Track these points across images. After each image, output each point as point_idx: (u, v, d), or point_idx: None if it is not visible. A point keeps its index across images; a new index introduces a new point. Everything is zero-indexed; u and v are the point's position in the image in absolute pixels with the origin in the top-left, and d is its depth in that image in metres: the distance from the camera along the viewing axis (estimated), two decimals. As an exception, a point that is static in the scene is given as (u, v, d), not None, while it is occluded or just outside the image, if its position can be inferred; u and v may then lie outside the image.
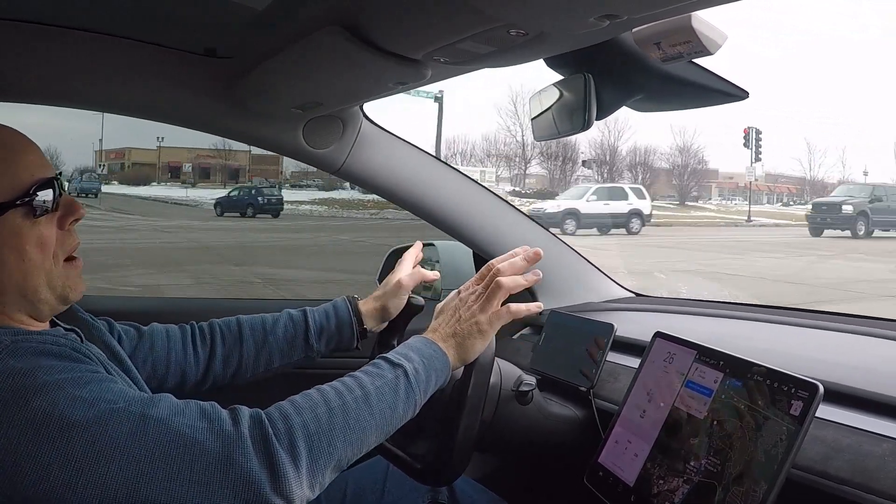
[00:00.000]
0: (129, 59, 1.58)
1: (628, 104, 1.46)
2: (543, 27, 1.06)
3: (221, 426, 0.97)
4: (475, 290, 1.30)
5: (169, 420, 0.96)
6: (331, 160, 1.85)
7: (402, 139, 1.91)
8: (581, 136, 2.16)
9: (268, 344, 1.48)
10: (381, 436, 1.11)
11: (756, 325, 1.77)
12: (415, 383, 1.15)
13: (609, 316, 1.93)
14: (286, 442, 0.99)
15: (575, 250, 2.17)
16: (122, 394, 0.97)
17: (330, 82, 1.50)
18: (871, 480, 1.03)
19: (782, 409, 1.08)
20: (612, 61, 1.32)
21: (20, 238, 1.03)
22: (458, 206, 1.98)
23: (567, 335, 1.72)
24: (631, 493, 1.28)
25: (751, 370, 1.16)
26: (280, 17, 1.30)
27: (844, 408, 1.20)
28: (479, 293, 1.29)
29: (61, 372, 0.95)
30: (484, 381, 1.31)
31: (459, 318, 1.27)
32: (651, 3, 0.97)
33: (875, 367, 1.35)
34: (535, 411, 1.54)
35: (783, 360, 1.18)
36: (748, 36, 79.19)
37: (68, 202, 1.10)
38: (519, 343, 2.00)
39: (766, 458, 1.06)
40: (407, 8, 1.11)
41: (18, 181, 1.03)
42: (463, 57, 1.21)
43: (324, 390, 1.08)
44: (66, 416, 0.91)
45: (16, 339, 0.98)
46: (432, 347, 1.22)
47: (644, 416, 1.34)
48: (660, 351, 1.38)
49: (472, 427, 1.30)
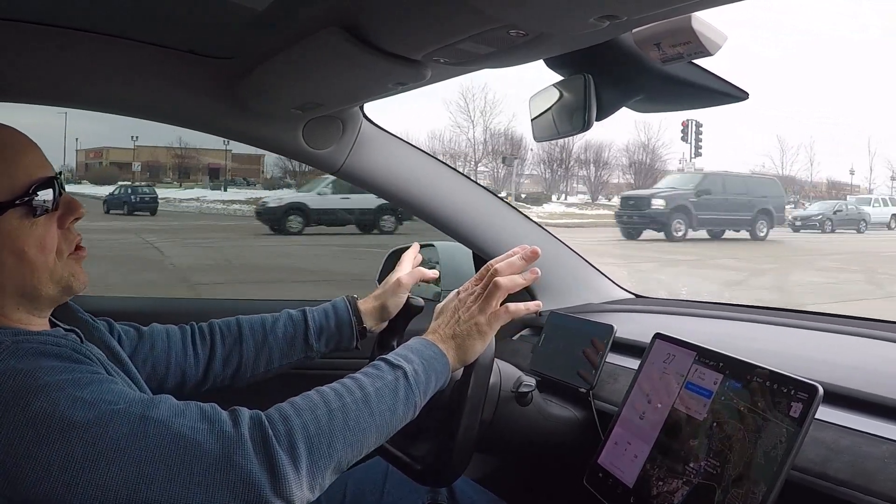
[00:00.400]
0: (129, 60, 1.58)
1: (628, 105, 1.46)
2: (543, 28, 1.06)
3: (222, 427, 0.97)
4: (474, 291, 1.30)
5: (169, 421, 0.96)
6: (331, 161, 1.84)
7: (402, 140, 1.91)
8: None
9: (268, 344, 1.48)
10: (381, 437, 1.11)
11: (755, 326, 1.77)
12: (414, 385, 1.15)
13: (608, 317, 1.93)
14: (286, 443, 0.99)
15: (574, 251, 2.17)
16: (123, 395, 0.97)
17: (330, 83, 1.50)
18: (870, 482, 1.03)
19: (782, 410, 1.08)
20: (612, 62, 1.32)
21: (19, 239, 1.03)
22: (458, 206, 1.98)
23: (567, 336, 1.72)
24: (630, 495, 1.28)
25: (750, 372, 1.16)
26: (280, 18, 1.30)
27: (844, 409, 1.20)
28: (477, 294, 1.29)
29: (62, 373, 0.95)
30: (484, 381, 1.31)
31: (459, 318, 1.27)
32: (651, 4, 0.97)
33: (874, 369, 1.35)
34: (535, 412, 1.54)
35: (783, 362, 1.18)
36: (749, 36, 79.13)
37: (68, 201, 1.10)
38: (518, 344, 2.00)
39: (766, 461, 1.06)
40: (407, 8, 1.11)
41: (17, 181, 1.03)
42: (463, 57, 1.21)
43: (323, 392, 1.08)
44: (67, 417, 0.91)
45: (16, 340, 0.98)
46: (432, 349, 1.22)
47: (643, 417, 1.34)
48: (659, 352, 1.38)
49: (472, 428, 1.30)
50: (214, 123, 1.83)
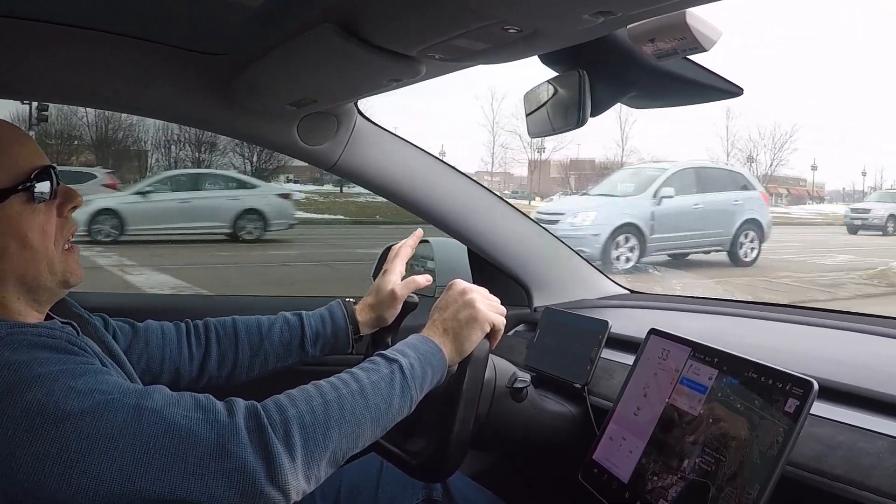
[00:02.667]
0: (123, 57, 1.58)
1: (623, 101, 1.46)
2: (538, 24, 1.06)
3: (216, 416, 0.97)
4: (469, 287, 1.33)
5: (163, 410, 0.96)
6: (325, 157, 1.84)
7: (396, 136, 1.91)
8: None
9: (263, 347, 1.48)
10: (377, 430, 1.11)
11: (750, 321, 1.77)
12: (410, 378, 1.15)
13: (603, 313, 1.94)
14: (281, 432, 0.99)
15: (569, 247, 2.18)
16: (117, 385, 0.98)
17: (324, 79, 1.49)
18: (865, 477, 1.03)
19: (778, 407, 1.08)
20: (607, 58, 1.32)
21: (22, 224, 1.05)
22: (453, 202, 1.98)
23: (562, 332, 1.72)
24: (625, 490, 1.29)
25: (745, 367, 1.17)
26: (275, 14, 1.30)
27: (839, 405, 1.20)
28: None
29: (56, 364, 0.95)
30: (479, 376, 1.31)
31: (455, 312, 1.29)
32: (645, 0, 0.97)
33: (870, 365, 1.35)
34: (530, 408, 1.54)
35: (778, 357, 1.18)
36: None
37: (66, 190, 1.13)
38: (513, 340, 2.00)
39: (761, 460, 1.06)
40: (401, 5, 1.10)
41: (18, 168, 1.06)
42: (457, 53, 1.21)
43: (319, 384, 1.08)
44: (61, 407, 0.91)
45: (11, 332, 0.99)
46: (428, 343, 1.23)
47: (638, 412, 1.34)
48: (654, 348, 1.38)
49: (467, 423, 1.30)
50: (209, 120, 1.83)
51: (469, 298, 1.30)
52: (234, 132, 1.84)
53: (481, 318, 1.29)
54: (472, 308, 1.29)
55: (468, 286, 1.34)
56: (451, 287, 1.34)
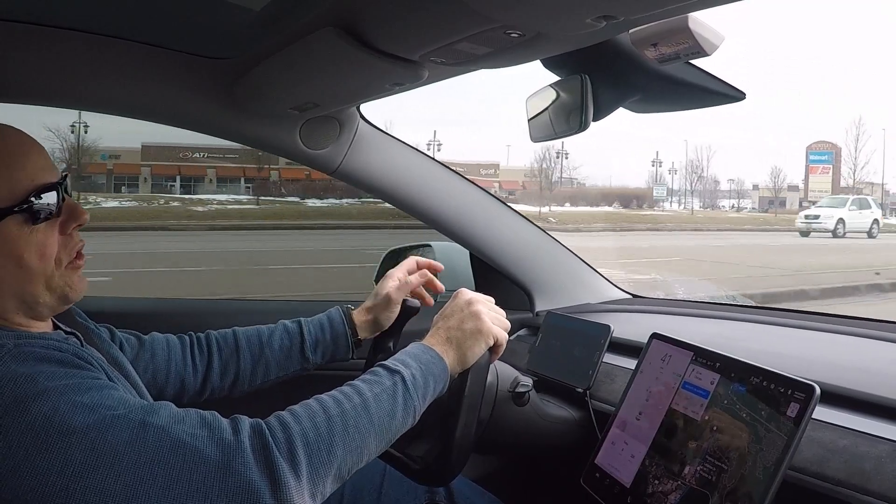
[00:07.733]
0: (126, 60, 1.58)
1: (625, 105, 1.46)
2: (540, 28, 1.06)
3: (221, 435, 0.97)
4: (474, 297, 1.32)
5: (169, 428, 0.95)
6: (327, 161, 1.84)
7: (399, 140, 1.91)
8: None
9: (264, 356, 1.48)
10: (382, 443, 1.10)
11: (752, 326, 1.77)
12: (412, 389, 1.14)
13: (605, 317, 1.94)
14: (286, 451, 0.98)
15: (572, 251, 2.17)
16: (123, 401, 0.97)
17: (327, 83, 1.50)
18: (867, 482, 1.03)
19: (780, 412, 1.08)
20: (609, 62, 1.32)
21: (17, 246, 1.02)
22: (455, 206, 1.98)
23: (564, 336, 1.72)
24: (627, 494, 1.28)
25: (747, 372, 1.16)
26: (277, 18, 1.30)
27: (841, 409, 1.20)
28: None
29: (62, 378, 0.94)
30: (481, 380, 1.31)
31: (459, 321, 1.28)
32: (648, 4, 0.97)
33: (871, 369, 1.35)
34: (532, 412, 1.54)
35: (780, 362, 1.18)
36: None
37: (71, 207, 1.09)
38: (515, 344, 2.00)
39: (763, 475, 1.06)
40: (404, 9, 1.11)
41: (18, 186, 1.02)
42: (459, 58, 1.21)
43: (322, 399, 1.07)
44: (67, 422, 0.90)
45: (18, 343, 0.97)
46: (430, 353, 1.22)
47: (640, 417, 1.34)
48: (656, 352, 1.38)
49: (470, 427, 1.30)
50: (211, 124, 1.83)
51: (475, 310, 1.29)
52: (236, 136, 1.84)
53: (486, 331, 1.28)
54: (477, 320, 1.28)
55: (475, 296, 1.32)
56: (458, 296, 1.33)
